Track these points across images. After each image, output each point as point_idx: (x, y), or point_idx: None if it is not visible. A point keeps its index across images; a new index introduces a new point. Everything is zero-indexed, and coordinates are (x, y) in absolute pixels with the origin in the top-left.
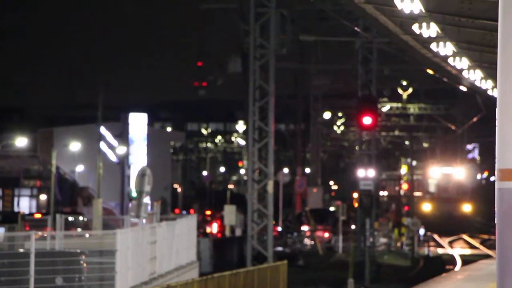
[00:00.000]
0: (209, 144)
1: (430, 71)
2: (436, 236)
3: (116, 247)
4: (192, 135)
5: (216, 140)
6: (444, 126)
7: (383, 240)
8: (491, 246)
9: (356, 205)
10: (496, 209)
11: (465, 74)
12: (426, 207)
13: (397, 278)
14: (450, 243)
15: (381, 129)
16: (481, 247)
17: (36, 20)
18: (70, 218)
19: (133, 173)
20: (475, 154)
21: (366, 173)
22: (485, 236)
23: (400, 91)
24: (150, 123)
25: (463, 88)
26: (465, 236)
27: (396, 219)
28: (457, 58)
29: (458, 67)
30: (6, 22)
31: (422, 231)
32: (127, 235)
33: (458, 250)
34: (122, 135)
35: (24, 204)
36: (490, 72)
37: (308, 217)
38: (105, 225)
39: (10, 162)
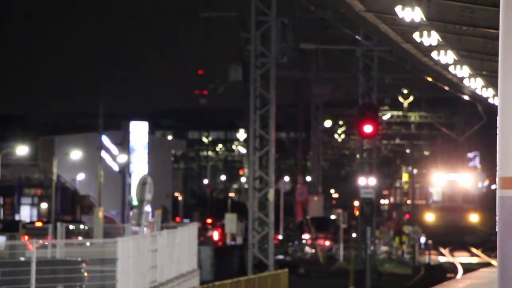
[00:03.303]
0: (210, 153)
1: (429, 79)
2: (443, 250)
3: (117, 255)
4: (193, 144)
5: (217, 149)
6: (445, 135)
7: (384, 248)
8: (493, 255)
9: (357, 213)
10: (497, 217)
11: (466, 82)
12: (430, 217)
13: (398, 286)
14: (451, 252)
15: (382, 137)
16: (482, 255)
17: (37, 28)
18: (71, 227)
19: (134, 182)
20: (476, 162)
21: (367, 181)
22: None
23: (401, 99)
24: (151, 132)
25: (464, 97)
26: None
27: (397, 227)
28: (458, 67)
29: (459, 75)
30: (7, 30)
31: (423, 239)
32: (128, 244)
33: (459, 259)
34: (123, 144)
35: (25, 213)
36: (491, 80)
37: (309, 225)
38: (106, 234)
39: (11, 171)
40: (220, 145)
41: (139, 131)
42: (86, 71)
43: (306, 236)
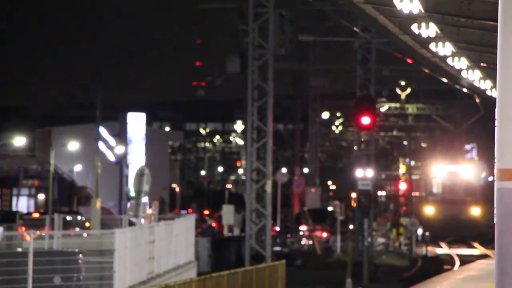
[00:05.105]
0: (207, 144)
1: (427, 71)
2: (440, 242)
3: (114, 246)
4: (191, 135)
5: (215, 140)
6: (442, 126)
7: (381, 240)
8: (490, 247)
9: (354, 205)
10: (495, 209)
11: (463, 74)
12: (429, 210)
13: (395, 278)
14: (449, 244)
15: (379, 129)
16: (480, 247)
17: (35, 20)
18: (68, 218)
19: (132, 173)
20: (473, 154)
21: (364, 173)
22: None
23: (398, 91)
24: (149, 123)
25: (462, 89)
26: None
27: (394, 219)
28: (456, 58)
29: (457, 67)
30: (5, 21)
31: (420, 231)
32: (126, 235)
33: (456, 250)
34: (121, 135)
35: (23, 204)
36: (489, 72)
37: (306, 217)
38: (103, 225)
39: (8, 162)
40: (217, 137)
41: (136, 122)
42: (84, 63)
43: (303, 227)
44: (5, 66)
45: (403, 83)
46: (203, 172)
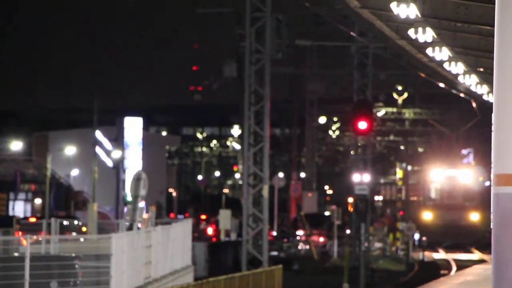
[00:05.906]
0: (204, 149)
1: (423, 75)
2: (441, 250)
3: (111, 251)
4: (188, 139)
5: (211, 145)
6: (439, 131)
7: (378, 244)
8: (486, 251)
9: (351, 209)
10: (492, 214)
11: (460, 79)
12: (427, 216)
13: (392, 282)
14: (446, 248)
15: (376, 133)
16: (476, 251)
17: (32, 24)
18: (65, 222)
19: (128, 177)
20: (470, 159)
21: (361, 178)
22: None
23: (395, 96)
24: (145, 127)
25: (459, 93)
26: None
27: (391, 224)
28: (453, 63)
29: (454, 72)
30: (1, 25)
31: (417, 236)
32: (122, 240)
33: (453, 255)
34: (117, 139)
35: (19, 208)
36: (486, 77)
37: (303, 222)
38: (100, 229)
39: (5, 166)
40: (214, 141)
41: (133, 126)
42: (81, 67)
43: (300, 232)
44: (2, 70)
45: (400, 87)
46: (200, 177)
